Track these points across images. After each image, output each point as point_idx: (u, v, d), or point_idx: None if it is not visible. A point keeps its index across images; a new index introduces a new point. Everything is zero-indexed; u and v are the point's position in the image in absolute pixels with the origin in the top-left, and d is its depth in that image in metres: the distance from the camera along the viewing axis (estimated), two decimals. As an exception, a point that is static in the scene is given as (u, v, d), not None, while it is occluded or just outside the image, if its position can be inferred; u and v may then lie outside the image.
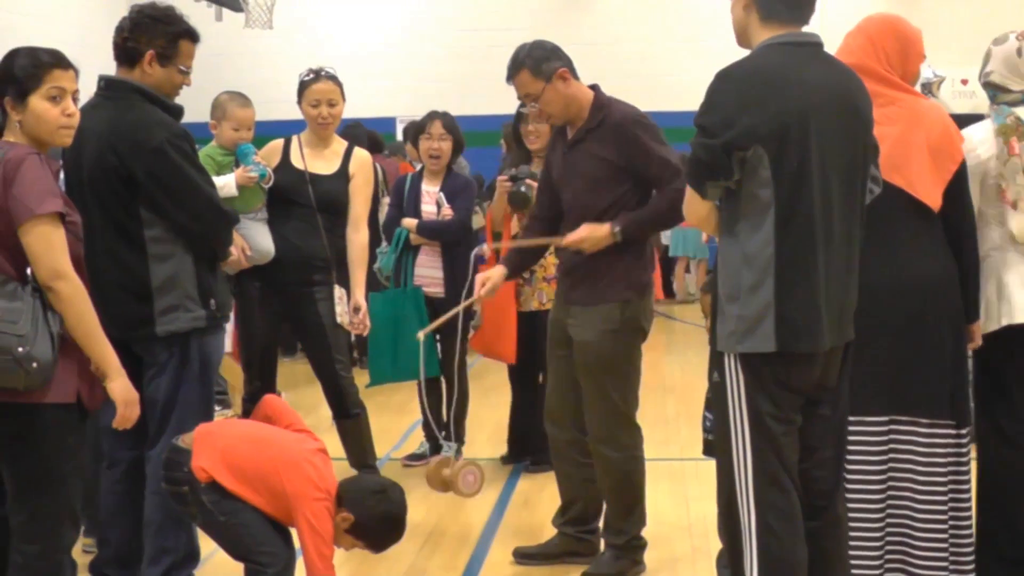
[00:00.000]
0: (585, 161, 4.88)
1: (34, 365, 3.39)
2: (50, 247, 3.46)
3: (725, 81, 3.55)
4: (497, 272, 5.08)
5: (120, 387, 3.66)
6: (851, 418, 3.93)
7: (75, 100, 3.68)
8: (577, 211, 4.90)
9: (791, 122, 3.45)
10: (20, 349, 3.37)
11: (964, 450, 4.15)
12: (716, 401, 3.75)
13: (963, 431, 4.14)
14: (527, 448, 6.91)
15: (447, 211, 6.74)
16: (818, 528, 3.72)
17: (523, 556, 5.22)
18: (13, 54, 3.63)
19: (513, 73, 4.92)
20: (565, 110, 4.92)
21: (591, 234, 4.80)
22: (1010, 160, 4.21)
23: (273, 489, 3.99)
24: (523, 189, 6.26)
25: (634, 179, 4.84)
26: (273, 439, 4.16)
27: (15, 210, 3.44)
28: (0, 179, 3.46)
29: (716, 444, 3.85)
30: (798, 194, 3.48)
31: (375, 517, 4.11)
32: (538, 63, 4.86)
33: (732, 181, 3.51)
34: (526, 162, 6.63)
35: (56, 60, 3.65)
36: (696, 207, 3.67)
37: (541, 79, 4.86)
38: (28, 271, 3.51)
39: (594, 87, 4.98)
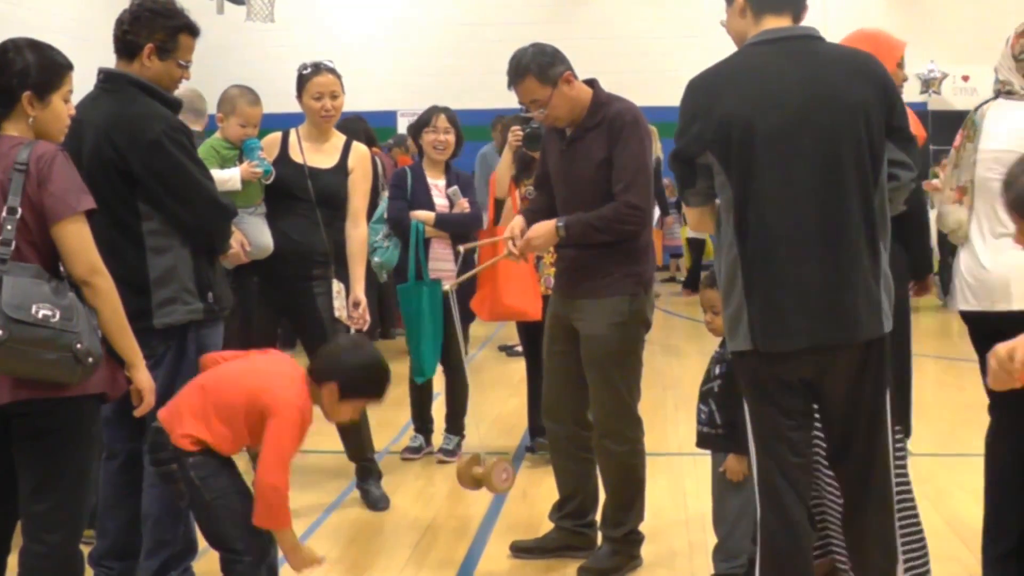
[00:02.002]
0: (581, 161, 4.89)
1: (90, 360, 3.45)
2: (86, 243, 3.52)
3: (687, 91, 3.66)
4: (518, 220, 5.06)
5: (146, 376, 3.80)
6: None
7: None
8: (570, 210, 4.90)
9: (734, 124, 3.50)
10: (79, 345, 3.41)
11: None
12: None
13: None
14: (533, 432, 6.94)
15: (464, 204, 6.78)
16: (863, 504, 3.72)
17: (520, 550, 5.22)
18: (26, 48, 3.62)
19: (517, 80, 4.88)
20: (570, 113, 4.91)
21: (536, 232, 4.85)
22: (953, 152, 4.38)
23: (251, 419, 3.97)
24: (536, 126, 6.28)
25: None
26: (239, 372, 4.12)
27: (54, 207, 3.47)
28: (35, 176, 3.46)
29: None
30: (749, 195, 3.51)
31: (356, 370, 4.08)
32: (544, 69, 4.84)
33: (699, 187, 3.63)
34: (527, 167, 6.64)
35: (69, 62, 3.70)
36: (688, 212, 3.81)
37: (548, 85, 4.84)
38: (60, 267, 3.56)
39: (592, 83, 4.97)
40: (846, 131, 3.52)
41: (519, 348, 8.96)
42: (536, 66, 4.84)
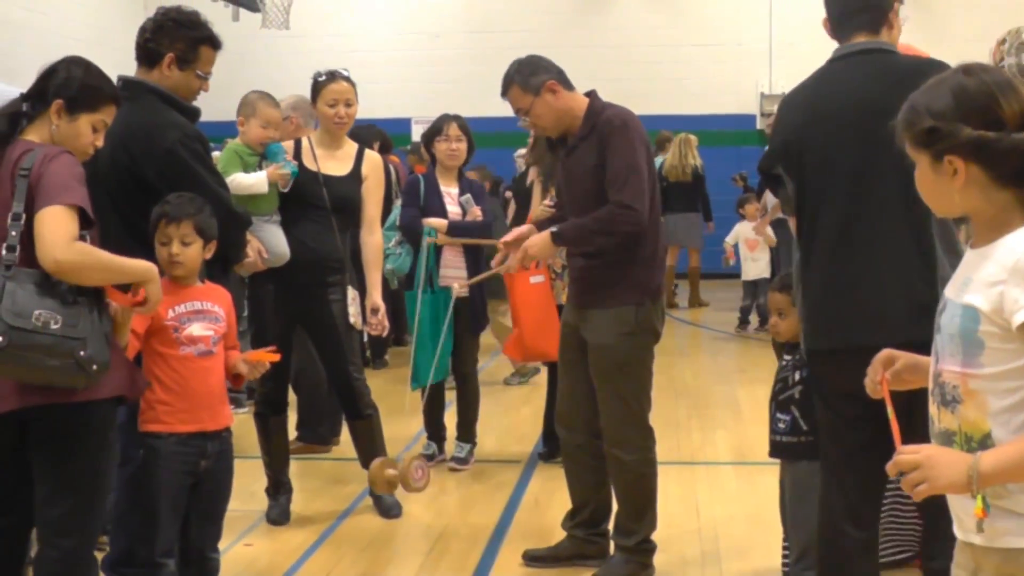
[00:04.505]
0: (577, 170, 4.94)
1: (94, 367, 3.42)
2: (55, 229, 3.33)
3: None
4: (523, 230, 5.21)
5: (157, 289, 3.62)
6: None
7: None
8: (575, 218, 4.94)
9: (791, 139, 3.74)
10: (82, 353, 3.38)
11: None
12: None
13: None
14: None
15: (477, 212, 6.81)
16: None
17: (532, 559, 5.22)
18: (77, 64, 3.64)
19: (505, 89, 5.01)
20: (558, 122, 4.98)
21: (532, 241, 4.93)
22: None
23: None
24: None
25: None
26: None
27: (42, 195, 3.39)
28: (36, 177, 3.43)
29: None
30: (803, 203, 3.75)
31: None
32: (526, 78, 4.93)
33: (783, 195, 3.91)
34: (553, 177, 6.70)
35: (116, 98, 3.70)
36: (790, 221, 4.10)
37: (530, 93, 4.92)
38: None
39: (590, 94, 5.02)
40: (888, 137, 3.48)
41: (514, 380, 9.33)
42: (519, 75, 4.95)
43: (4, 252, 3.37)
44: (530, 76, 4.92)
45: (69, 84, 3.58)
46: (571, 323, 5.08)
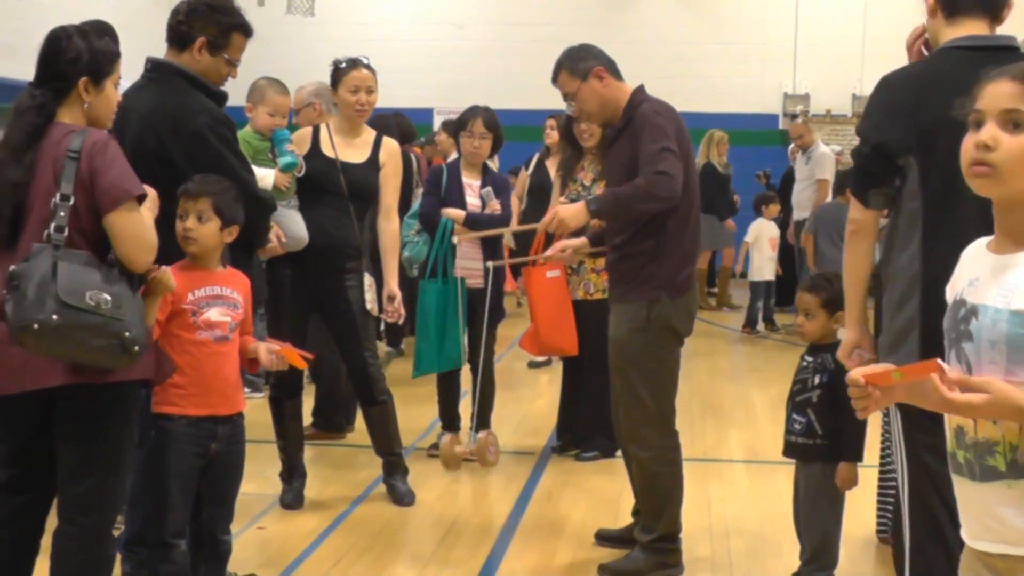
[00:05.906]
0: (618, 162, 4.97)
1: (136, 348, 3.46)
2: (140, 233, 3.51)
3: (881, 87, 3.52)
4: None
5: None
6: None
7: None
8: None
9: (939, 132, 3.26)
10: (127, 334, 3.42)
11: None
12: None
13: None
14: (576, 438, 6.97)
15: (496, 206, 6.79)
16: None
17: (603, 538, 5.33)
18: (78, 34, 3.64)
19: (555, 74, 5.08)
20: (602, 108, 5.03)
21: (566, 212, 4.96)
22: None
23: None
24: (573, 197, 6.33)
25: None
26: None
27: (112, 193, 3.45)
28: (87, 163, 3.46)
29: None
30: (945, 207, 3.32)
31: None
32: (575, 63, 5.01)
33: (894, 189, 3.46)
34: (579, 159, 6.74)
35: (118, 49, 3.72)
36: (855, 216, 3.59)
37: (577, 77, 4.99)
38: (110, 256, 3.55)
39: (638, 88, 5.04)
40: None
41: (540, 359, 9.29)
42: (568, 60, 5.04)
43: (53, 232, 3.42)
44: (579, 61, 5.00)
45: (82, 58, 3.59)
46: (608, 318, 5.12)
